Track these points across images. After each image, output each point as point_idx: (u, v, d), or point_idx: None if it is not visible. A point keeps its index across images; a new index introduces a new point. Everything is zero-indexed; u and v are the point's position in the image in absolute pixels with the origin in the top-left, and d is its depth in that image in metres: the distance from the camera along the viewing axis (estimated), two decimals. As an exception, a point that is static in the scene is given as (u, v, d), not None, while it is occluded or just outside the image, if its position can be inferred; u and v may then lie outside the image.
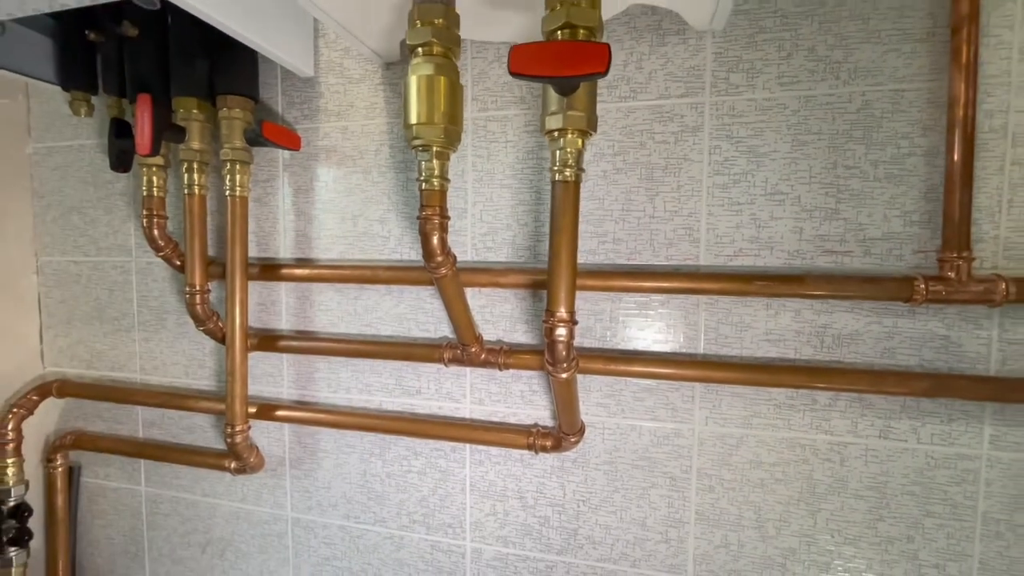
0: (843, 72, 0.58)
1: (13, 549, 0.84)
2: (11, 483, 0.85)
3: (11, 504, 0.85)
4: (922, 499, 0.59)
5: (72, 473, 0.93)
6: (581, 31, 0.44)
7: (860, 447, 0.61)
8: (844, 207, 0.59)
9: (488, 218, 0.70)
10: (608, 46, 0.39)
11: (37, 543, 0.90)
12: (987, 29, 0.54)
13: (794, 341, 0.61)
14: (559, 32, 0.45)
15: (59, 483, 0.91)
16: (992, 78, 0.55)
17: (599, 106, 0.64)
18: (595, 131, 0.49)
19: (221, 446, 0.84)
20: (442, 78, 0.49)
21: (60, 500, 0.91)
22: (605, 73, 0.39)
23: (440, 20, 0.49)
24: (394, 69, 0.72)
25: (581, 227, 0.66)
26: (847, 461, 0.61)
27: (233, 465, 0.78)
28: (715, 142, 0.62)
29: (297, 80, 0.76)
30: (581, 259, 0.66)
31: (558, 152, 0.49)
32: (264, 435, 0.81)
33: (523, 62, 0.40)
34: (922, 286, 0.54)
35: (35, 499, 0.90)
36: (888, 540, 0.61)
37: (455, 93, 0.50)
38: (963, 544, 0.59)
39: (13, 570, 0.85)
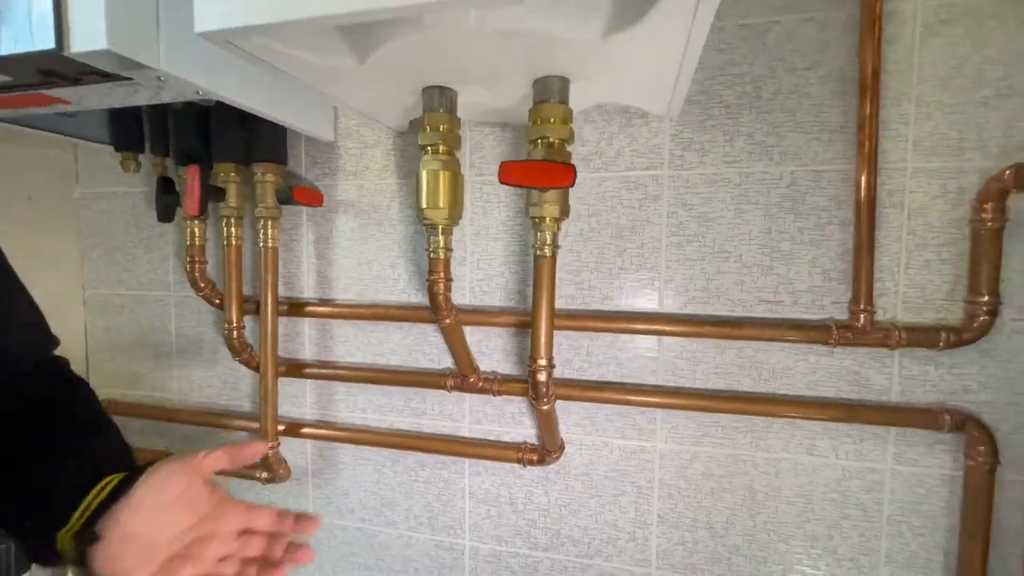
0: (775, 154, 0.71)
1: (68, 549, 0.96)
2: (67, 491, 0.97)
3: (67, 509, 0.97)
4: (840, 504, 0.72)
5: (116, 481, 1.05)
6: (555, 142, 0.57)
7: (791, 462, 0.73)
8: (777, 265, 0.72)
9: (484, 266, 0.82)
10: (574, 168, 0.51)
11: (86, 543, 1.01)
12: (887, 124, 0.67)
13: (737, 374, 0.74)
14: (539, 140, 0.58)
15: (105, 490, 1.03)
16: (892, 164, 0.67)
17: (581, 176, 0.77)
18: (568, 216, 0.62)
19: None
20: (447, 172, 0.61)
21: (106, 505, 1.03)
22: (572, 185, 0.52)
23: (445, 126, 0.61)
24: (404, 137, 0.84)
25: (562, 275, 0.78)
26: (780, 473, 0.74)
27: (264, 476, 0.91)
28: (672, 208, 0.74)
29: (319, 144, 0.88)
30: (562, 303, 0.78)
31: (538, 234, 0.61)
32: (290, 450, 0.94)
33: (510, 175, 0.52)
34: (835, 332, 0.67)
35: (84, 505, 1.02)
36: (813, 538, 0.73)
37: (457, 183, 0.62)
38: (872, 541, 0.71)
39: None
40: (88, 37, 0.49)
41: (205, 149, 0.83)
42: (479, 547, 0.87)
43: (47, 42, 0.50)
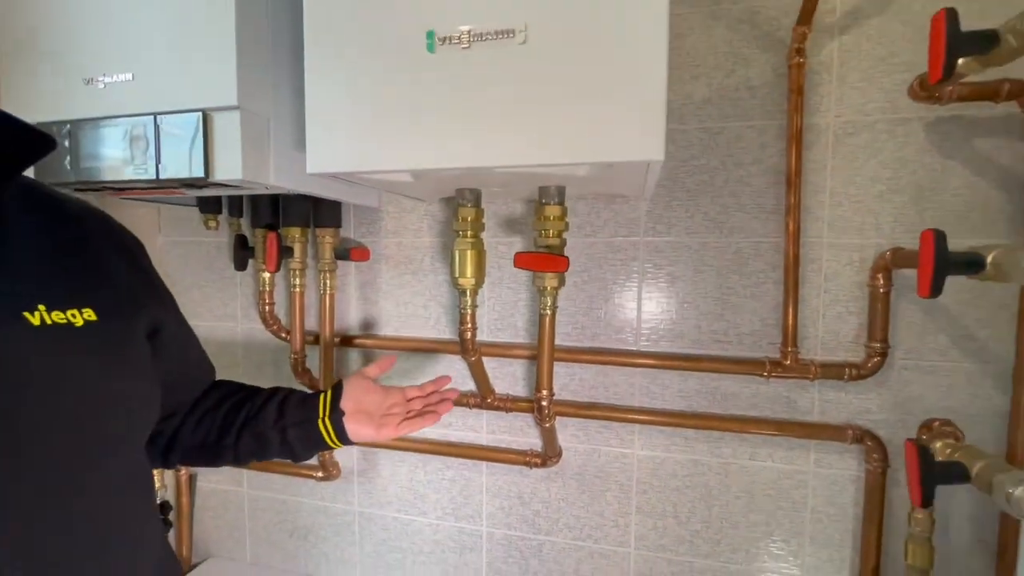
0: (725, 228, 0.91)
1: (159, 534, 1.18)
2: (157, 487, 1.19)
3: (158, 502, 1.19)
4: (775, 498, 0.93)
5: (192, 479, 1.27)
6: (554, 233, 0.78)
7: (738, 465, 0.94)
8: (727, 313, 0.92)
9: (499, 308, 1.03)
10: (568, 258, 0.72)
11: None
12: (808, 209, 0.88)
13: (696, 397, 0.95)
14: (542, 231, 0.79)
15: (183, 487, 1.25)
16: (812, 239, 0.88)
17: (575, 241, 0.97)
18: (564, 285, 0.83)
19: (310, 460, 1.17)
20: (473, 251, 0.82)
21: (184, 499, 1.25)
22: (566, 271, 0.73)
23: (472, 217, 0.82)
24: (435, 206, 1.05)
25: (561, 318, 0.99)
26: (730, 474, 0.95)
27: (320, 474, 1.12)
28: (646, 267, 0.95)
29: (366, 209, 1.09)
30: (560, 340, 0.99)
31: (542, 298, 0.83)
32: (340, 454, 1.15)
33: (522, 262, 0.73)
34: (768, 366, 0.88)
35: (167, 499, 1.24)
36: (754, 524, 0.94)
37: (480, 258, 0.83)
38: (799, 526, 0.93)
39: (158, 549, 1.19)
40: (228, 170, 0.71)
41: (276, 217, 1.04)
42: (494, 532, 1.08)
43: (199, 172, 0.71)
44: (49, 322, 0.43)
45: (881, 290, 0.83)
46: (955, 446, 0.68)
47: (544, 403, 0.88)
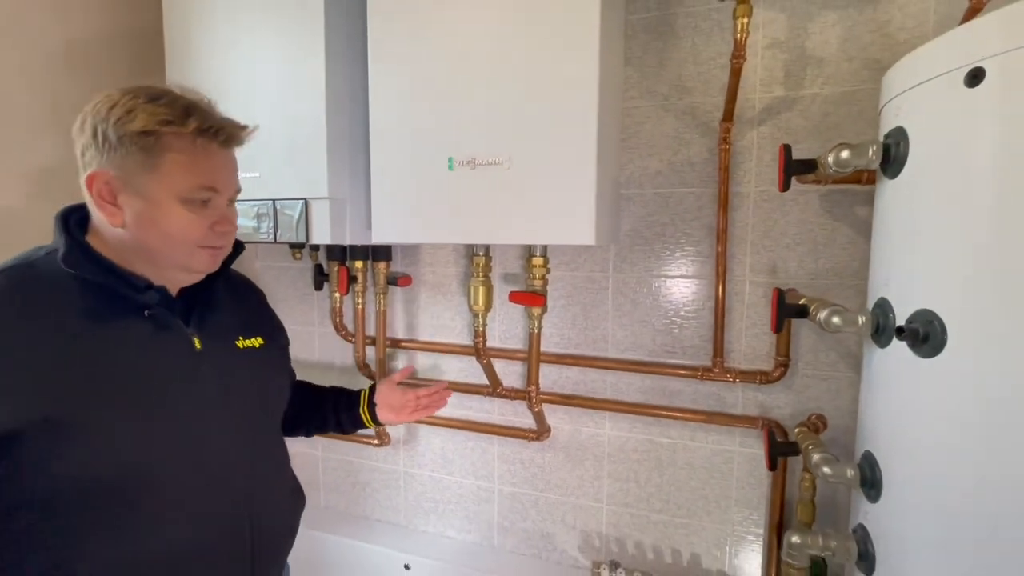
0: (673, 268, 1.22)
1: (260, 481, 1.61)
2: (259, 447, 1.61)
3: (259, 458, 1.61)
4: (709, 470, 1.24)
5: (281, 443, 1.69)
6: (538, 277, 1.12)
7: (682, 444, 1.26)
8: (674, 330, 1.23)
9: (507, 323, 1.38)
10: (545, 296, 1.06)
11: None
12: (734, 256, 1.17)
13: (651, 392, 1.27)
14: (529, 275, 1.12)
15: (275, 448, 1.67)
16: (737, 278, 1.17)
17: (563, 274, 1.30)
18: (547, 312, 1.16)
19: (370, 432, 1.56)
20: (483, 287, 1.17)
21: (276, 457, 1.68)
22: (543, 305, 1.06)
23: (483, 263, 1.17)
24: (460, 245, 1.40)
25: (550, 331, 1.32)
26: (676, 451, 1.26)
27: (376, 442, 1.51)
28: (615, 296, 1.27)
29: (410, 247, 1.45)
30: (550, 348, 1.33)
31: (531, 320, 1.17)
32: (390, 427, 1.54)
33: (515, 298, 1.07)
34: (701, 372, 1.19)
35: (265, 456, 1.66)
36: (694, 489, 1.26)
37: (489, 292, 1.18)
38: (727, 491, 1.23)
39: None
40: (321, 237, 1.08)
41: (345, 253, 1.42)
42: (503, 488, 1.44)
43: (302, 238, 1.09)
44: (246, 346, 0.80)
45: (784, 318, 1.12)
46: (803, 431, 0.98)
47: (532, 394, 1.23)
